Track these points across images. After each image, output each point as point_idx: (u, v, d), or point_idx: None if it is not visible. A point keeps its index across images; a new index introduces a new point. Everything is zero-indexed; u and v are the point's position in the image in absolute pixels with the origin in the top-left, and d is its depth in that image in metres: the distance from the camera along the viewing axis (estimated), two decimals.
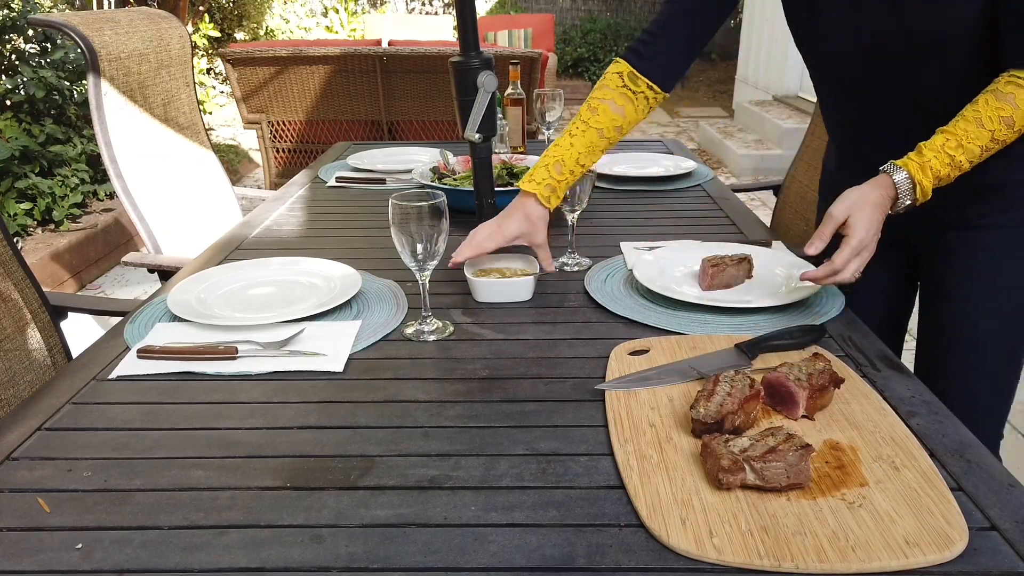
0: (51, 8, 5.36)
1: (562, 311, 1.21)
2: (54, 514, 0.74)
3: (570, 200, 1.33)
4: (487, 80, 1.32)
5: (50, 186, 3.69)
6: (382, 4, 9.94)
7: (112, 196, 4.02)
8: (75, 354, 1.30)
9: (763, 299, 1.18)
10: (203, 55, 6.89)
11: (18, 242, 3.43)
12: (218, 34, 7.11)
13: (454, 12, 1.60)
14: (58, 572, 0.67)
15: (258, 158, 5.60)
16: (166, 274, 1.82)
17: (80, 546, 0.70)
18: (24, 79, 3.86)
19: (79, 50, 1.94)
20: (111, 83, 1.90)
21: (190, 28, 6.41)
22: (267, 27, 8.39)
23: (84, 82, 4.20)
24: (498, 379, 1.00)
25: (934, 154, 1.03)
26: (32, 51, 4.17)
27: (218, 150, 3.90)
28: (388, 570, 0.67)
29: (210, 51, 6.97)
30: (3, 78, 3.96)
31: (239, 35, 7.98)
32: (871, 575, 0.65)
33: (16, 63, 4.01)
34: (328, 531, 0.71)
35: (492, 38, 7.37)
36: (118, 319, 1.22)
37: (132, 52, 1.99)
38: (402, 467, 0.81)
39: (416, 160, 2.18)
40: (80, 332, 1.73)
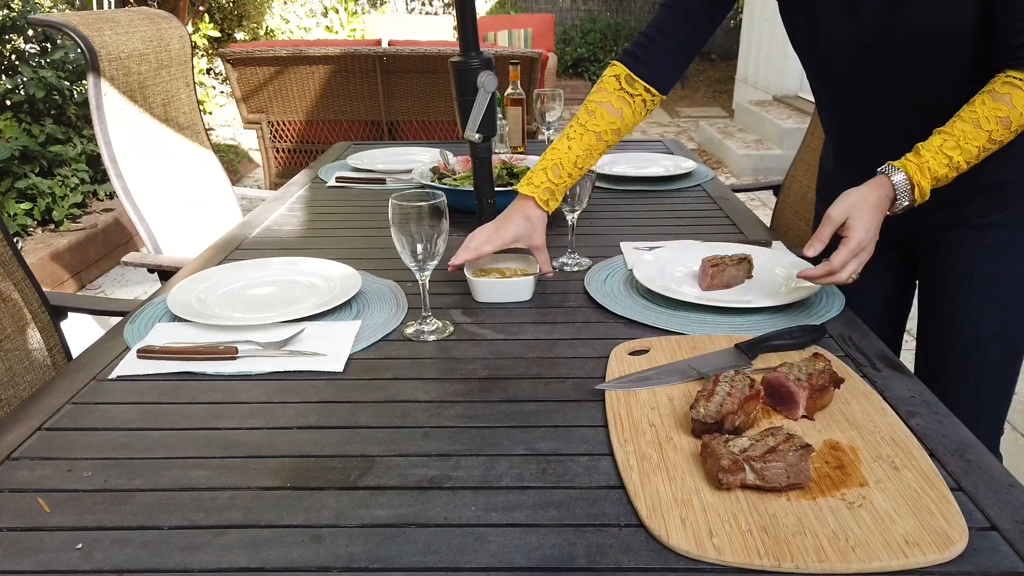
0: (51, 8, 5.36)
1: (562, 311, 1.21)
2: (54, 514, 0.74)
3: (570, 200, 1.33)
4: (487, 80, 1.32)
5: (50, 186, 3.69)
6: (382, 4, 9.95)
7: (112, 196, 4.02)
8: (75, 354, 1.30)
9: (763, 299, 1.18)
10: (203, 55, 6.89)
11: (18, 242, 3.43)
12: (218, 34, 7.12)
13: (454, 12, 1.60)
14: (58, 572, 0.67)
15: (258, 158, 5.60)
16: (166, 274, 1.82)
17: (80, 546, 0.70)
18: (24, 79, 3.86)
19: (79, 50, 1.94)
20: (111, 83, 1.90)
21: (190, 28, 6.41)
22: (267, 27, 8.39)
23: (84, 82, 4.20)
24: (498, 379, 1.00)
25: (932, 155, 1.03)
26: (32, 51, 4.17)
27: (218, 150, 3.90)
28: (388, 570, 0.67)
29: (210, 51, 6.97)
30: (3, 78, 3.96)
31: (239, 35, 7.98)
32: (871, 575, 0.65)
33: (16, 63, 4.01)
34: (328, 531, 0.71)
35: (492, 38, 7.37)
36: (118, 319, 1.22)
37: (132, 52, 1.99)
38: (402, 467, 0.81)
39: (416, 160, 2.18)
40: (80, 332, 1.73)
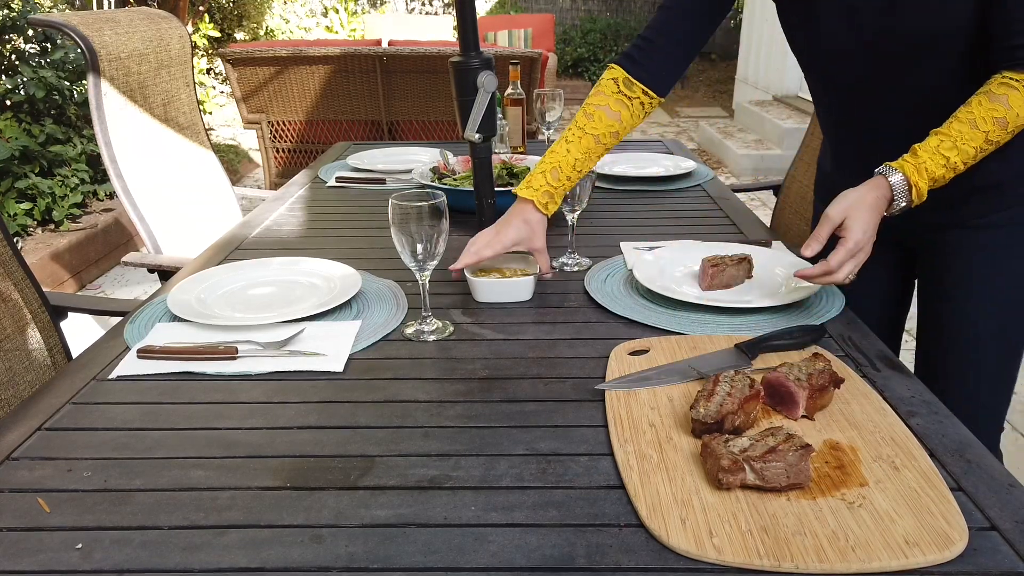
0: (51, 8, 5.36)
1: (562, 311, 1.21)
2: (54, 514, 0.74)
3: (570, 200, 1.33)
4: (487, 80, 1.32)
5: (50, 186, 3.69)
6: (382, 4, 9.95)
7: (112, 196, 4.02)
8: (75, 354, 1.30)
9: (763, 299, 1.18)
10: (203, 55, 6.89)
11: (18, 242, 3.43)
12: (218, 34, 7.12)
13: (454, 12, 1.60)
14: (58, 572, 0.67)
15: (258, 158, 5.60)
16: (166, 274, 1.82)
17: (80, 546, 0.70)
18: (24, 79, 3.86)
19: (79, 50, 1.94)
20: (111, 83, 1.90)
21: (190, 28, 6.41)
22: (267, 27, 8.39)
23: (84, 82, 4.20)
24: (498, 379, 1.00)
25: (929, 155, 1.03)
26: (32, 51, 4.17)
27: (218, 150, 3.90)
28: (388, 570, 0.67)
29: (210, 51, 6.97)
30: (3, 78, 3.96)
31: (239, 35, 7.98)
32: (871, 575, 0.65)
33: (16, 63, 4.01)
34: (328, 531, 0.71)
35: (492, 38, 7.37)
36: (118, 319, 1.22)
37: (132, 52, 1.99)
38: (402, 467, 0.81)
39: (416, 160, 2.18)
40: (80, 332, 1.73)
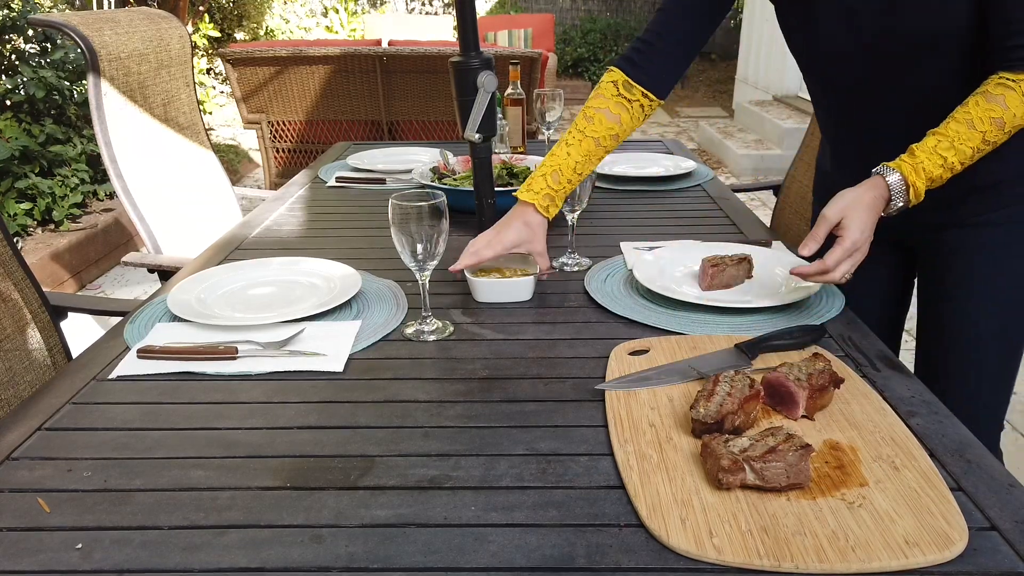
0: (51, 8, 5.36)
1: (562, 311, 1.21)
2: (54, 514, 0.74)
3: (570, 200, 1.33)
4: (487, 80, 1.32)
5: (50, 186, 3.69)
6: (382, 4, 9.95)
7: (112, 196, 4.02)
8: (75, 354, 1.30)
9: (763, 299, 1.18)
10: (203, 55, 6.89)
11: (18, 242, 3.43)
12: (218, 34, 7.12)
13: (454, 12, 1.60)
14: (58, 572, 0.67)
15: (258, 158, 5.60)
16: (166, 274, 1.82)
17: (80, 546, 0.70)
18: (24, 79, 3.86)
19: (79, 50, 1.94)
20: (111, 83, 1.90)
21: (190, 28, 6.41)
22: (267, 27, 8.39)
23: (84, 82, 4.20)
24: (498, 379, 1.00)
25: (926, 155, 1.03)
26: (32, 51, 4.17)
27: (218, 150, 3.90)
28: (388, 570, 0.67)
29: (210, 51, 6.97)
30: (3, 78, 3.96)
31: (239, 35, 7.98)
32: (871, 575, 0.65)
33: (16, 63, 4.01)
34: (328, 531, 0.71)
35: (492, 38, 7.37)
36: (118, 319, 1.22)
37: (132, 52, 1.99)
38: (402, 467, 0.81)
39: (416, 160, 2.18)
40: (80, 332, 1.73)
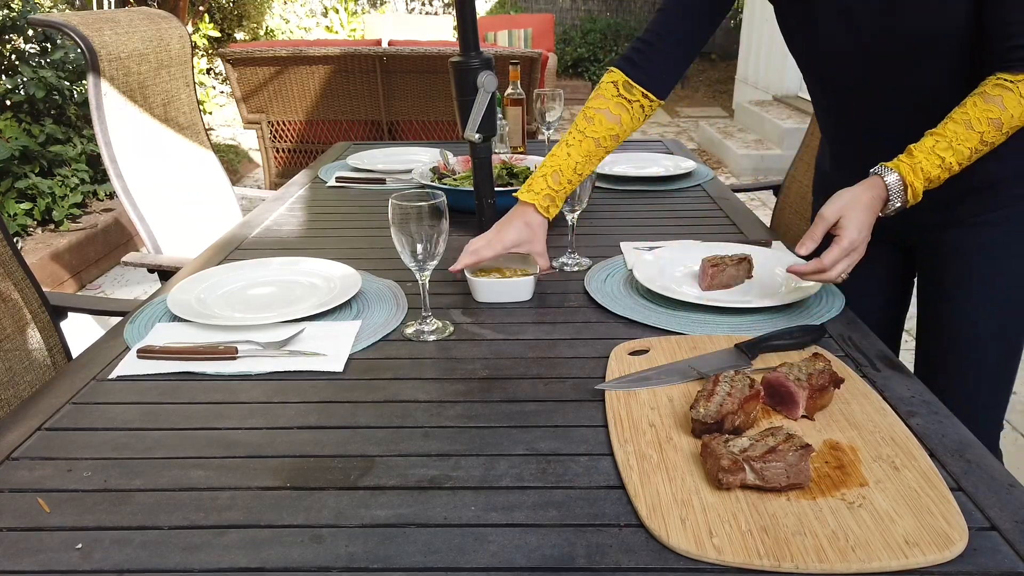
0: (51, 8, 5.36)
1: (562, 311, 1.21)
2: (54, 514, 0.74)
3: (570, 200, 1.33)
4: (487, 80, 1.32)
5: (50, 186, 3.69)
6: (382, 4, 9.95)
7: (112, 196, 4.02)
8: (75, 354, 1.30)
9: (763, 299, 1.18)
10: (203, 55, 6.89)
11: (18, 242, 3.43)
12: (218, 34, 7.12)
13: (454, 12, 1.60)
14: (58, 572, 0.67)
15: (258, 158, 5.60)
16: (166, 274, 1.82)
17: (80, 546, 0.70)
18: (24, 79, 3.86)
19: (79, 50, 1.94)
20: (111, 83, 1.90)
21: (190, 28, 6.41)
22: (267, 27, 8.39)
23: (84, 82, 4.20)
24: (498, 379, 1.00)
25: (924, 156, 1.03)
26: (32, 51, 4.17)
27: (218, 150, 3.90)
28: (388, 570, 0.67)
29: (210, 51, 6.97)
30: (3, 78, 3.96)
31: (239, 35, 7.98)
32: (871, 575, 0.65)
33: (16, 63, 4.01)
34: (328, 531, 0.71)
35: (492, 38, 7.37)
36: (118, 319, 1.22)
37: (132, 52, 1.99)
38: (402, 467, 0.81)
39: (416, 160, 2.18)
40: (80, 332, 1.73)
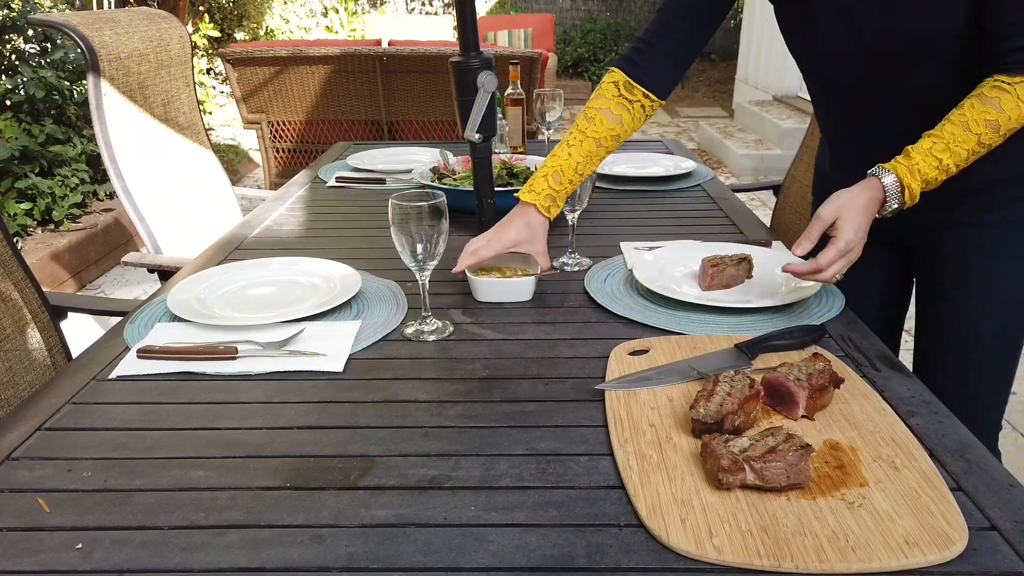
0: (51, 8, 5.36)
1: (562, 311, 1.21)
2: (54, 514, 0.74)
3: (570, 200, 1.33)
4: (487, 80, 1.32)
5: (50, 186, 3.69)
6: (382, 4, 9.94)
7: (112, 196, 4.02)
8: (75, 354, 1.30)
9: (763, 299, 1.18)
10: (203, 55, 6.89)
11: (18, 242, 3.43)
12: (218, 34, 7.12)
13: (454, 12, 1.60)
14: (58, 572, 0.67)
15: (258, 158, 5.60)
16: (166, 274, 1.82)
17: (80, 546, 0.70)
18: (24, 79, 3.86)
19: (79, 50, 1.94)
20: (111, 83, 1.90)
21: (190, 28, 6.41)
22: (267, 27, 8.39)
23: (84, 82, 4.20)
24: (498, 379, 1.00)
25: (922, 157, 1.03)
26: (32, 51, 4.17)
27: (218, 150, 3.90)
28: (388, 570, 0.67)
29: (210, 51, 6.97)
30: (3, 78, 3.96)
31: (239, 35, 7.98)
32: (871, 575, 0.65)
33: (16, 63, 4.01)
34: (328, 531, 0.71)
35: (492, 38, 7.37)
36: (118, 319, 1.22)
37: (132, 52, 1.99)
38: (402, 467, 0.81)
39: (416, 160, 2.18)
40: (80, 332, 1.73)
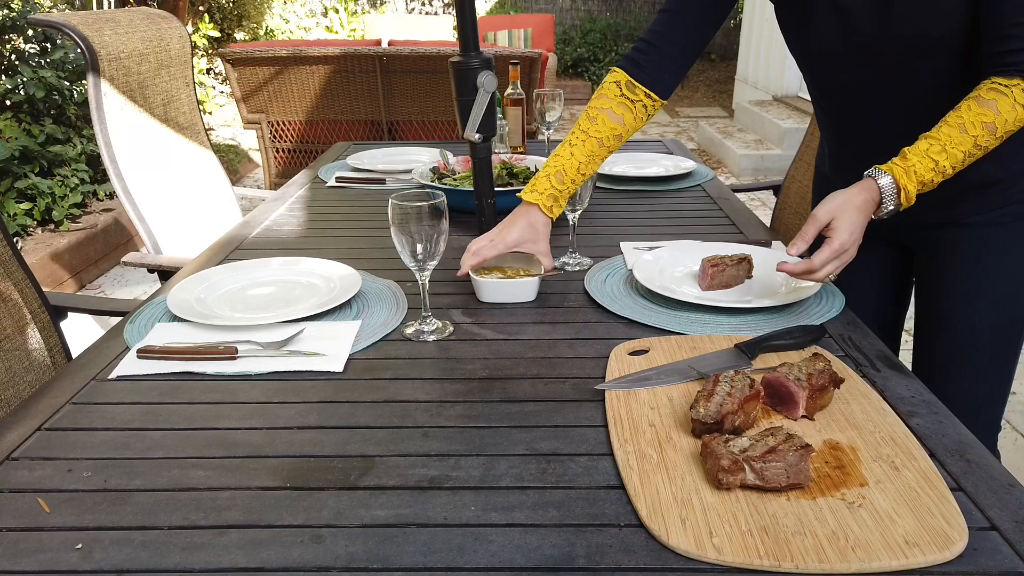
0: (51, 8, 5.36)
1: (562, 311, 1.21)
2: (54, 514, 0.74)
3: (571, 200, 1.33)
4: (487, 80, 1.32)
5: (50, 186, 3.69)
6: (382, 4, 9.94)
7: (112, 196, 4.02)
8: (75, 354, 1.30)
9: (763, 299, 1.18)
10: (203, 55, 6.89)
11: (18, 242, 3.43)
12: (218, 34, 7.12)
13: (454, 12, 1.60)
14: (58, 572, 0.67)
15: (258, 158, 5.60)
16: (166, 274, 1.82)
17: (80, 546, 0.70)
18: (24, 79, 3.86)
19: (79, 50, 1.94)
20: (111, 83, 1.90)
21: (190, 28, 6.42)
22: (267, 27, 8.39)
23: (84, 82, 4.20)
24: (498, 379, 1.00)
25: (918, 158, 1.03)
26: (32, 51, 4.17)
27: (218, 150, 3.90)
28: (388, 570, 0.67)
29: (210, 51, 6.97)
30: (3, 78, 3.96)
31: (239, 35, 7.98)
32: (871, 575, 0.65)
33: (16, 63, 4.01)
34: (328, 531, 0.71)
35: (492, 38, 7.37)
36: (118, 319, 1.22)
37: (132, 52, 1.99)
38: (402, 467, 0.81)
39: (416, 160, 2.18)
40: (80, 332, 1.73)
